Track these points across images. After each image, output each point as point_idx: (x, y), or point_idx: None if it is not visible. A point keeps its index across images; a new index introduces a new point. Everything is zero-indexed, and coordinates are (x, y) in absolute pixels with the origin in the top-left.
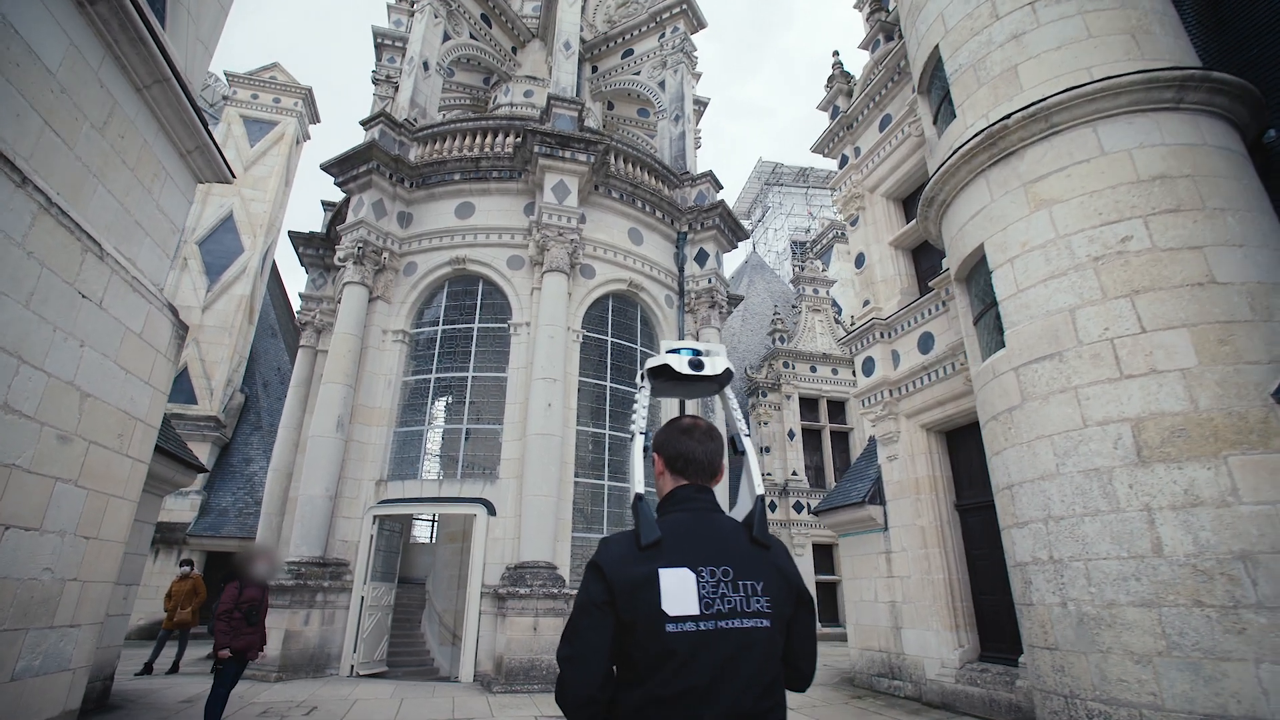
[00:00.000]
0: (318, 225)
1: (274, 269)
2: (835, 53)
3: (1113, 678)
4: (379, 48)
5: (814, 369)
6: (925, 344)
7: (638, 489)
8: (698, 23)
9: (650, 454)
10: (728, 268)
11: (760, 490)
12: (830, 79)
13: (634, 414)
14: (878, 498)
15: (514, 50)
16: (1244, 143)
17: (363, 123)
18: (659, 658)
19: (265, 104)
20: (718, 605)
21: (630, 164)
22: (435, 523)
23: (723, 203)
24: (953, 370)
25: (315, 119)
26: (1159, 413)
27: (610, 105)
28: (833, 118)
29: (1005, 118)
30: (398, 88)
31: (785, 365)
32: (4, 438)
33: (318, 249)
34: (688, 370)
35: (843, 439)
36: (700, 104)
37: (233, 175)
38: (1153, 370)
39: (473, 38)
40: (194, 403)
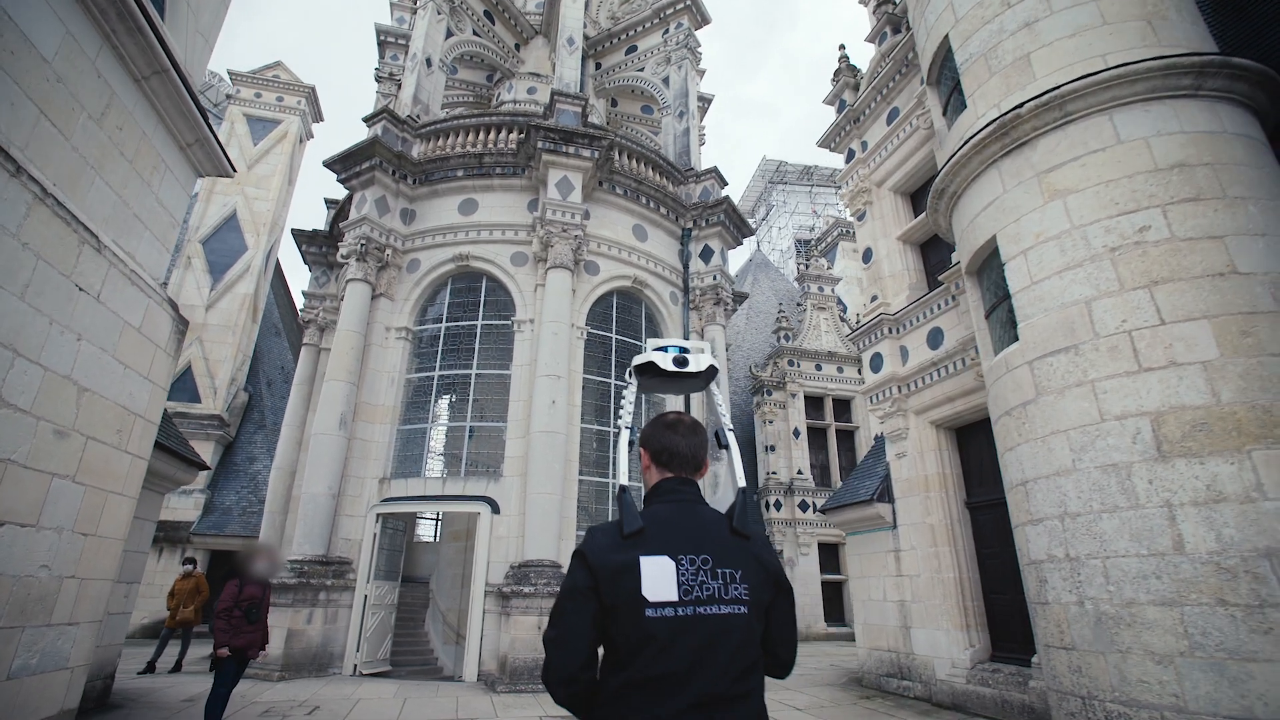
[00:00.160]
0: (321, 224)
1: (278, 267)
2: (841, 46)
3: (1133, 678)
4: (382, 45)
5: (819, 367)
6: (934, 339)
7: (622, 481)
8: (701, 18)
9: (636, 448)
10: (732, 266)
11: (742, 483)
12: (837, 72)
13: (621, 409)
14: (886, 495)
15: (517, 47)
16: (1264, 130)
17: (366, 119)
18: (639, 641)
19: (268, 103)
20: (696, 592)
21: (634, 160)
22: (439, 521)
23: (727, 199)
24: (963, 366)
25: (318, 118)
26: (1179, 406)
27: (614, 102)
28: (839, 111)
29: (1018, 106)
30: (401, 85)
31: (790, 363)
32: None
33: (321, 247)
34: (672, 367)
35: (848, 437)
36: (704, 101)
37: (233, 169)
38: (1172, 363)
39: (476, 34)
40: (198, 401)
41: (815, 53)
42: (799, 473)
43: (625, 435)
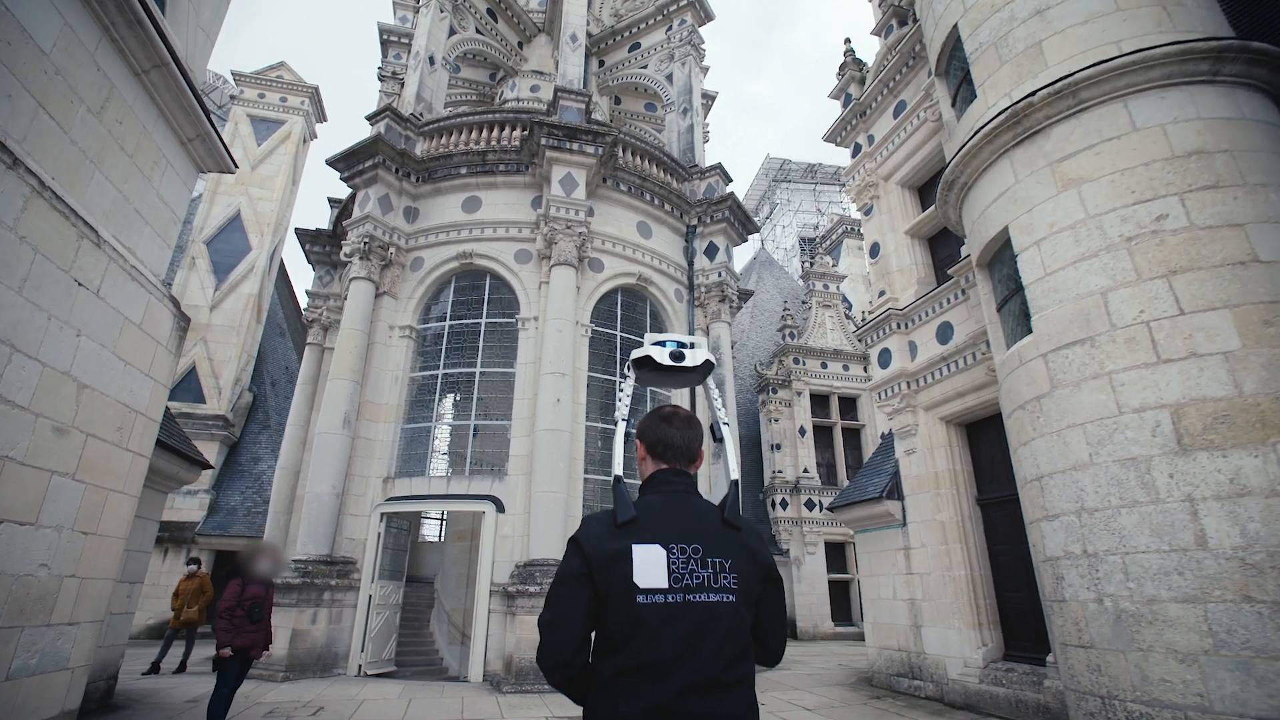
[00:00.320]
0: (325, 224)
1: (282, 268)
2: (847, 39)
3: (1155, 678)
4: (385, 44)
5: (825, 365)
6: (944, 334)
7: (617, 471)
8: (705, 15)
9: (633, 440)
10: (736, 264)
11: (735, 475)
12: (842, 66)
13: (618, 402)
14: (895, 493)
15: (520, 45)
16: None
17: (368, 117)
18: (631, 627)
19: (272, 103)
20: (686, 580)
21: (638, 156)
22: (444, 520)
23: (732, 195)
24: (973, 360)
25: (322, 118)
26: (1200, 398)
27: (617, 100)
28: (845, 105)
29: (1030, 95)
30: (404, 84)
31: (795, 361)
32: None
33: (324, 246)
34: (669, 362)
35: (854, 436)
36: (708, 98)
37: (235, 165)
38: (1193, 354)
39: (478, 32)
40: (202, 402)
41: (816, 52)
42: (805, 471)
43: (622, 427)
